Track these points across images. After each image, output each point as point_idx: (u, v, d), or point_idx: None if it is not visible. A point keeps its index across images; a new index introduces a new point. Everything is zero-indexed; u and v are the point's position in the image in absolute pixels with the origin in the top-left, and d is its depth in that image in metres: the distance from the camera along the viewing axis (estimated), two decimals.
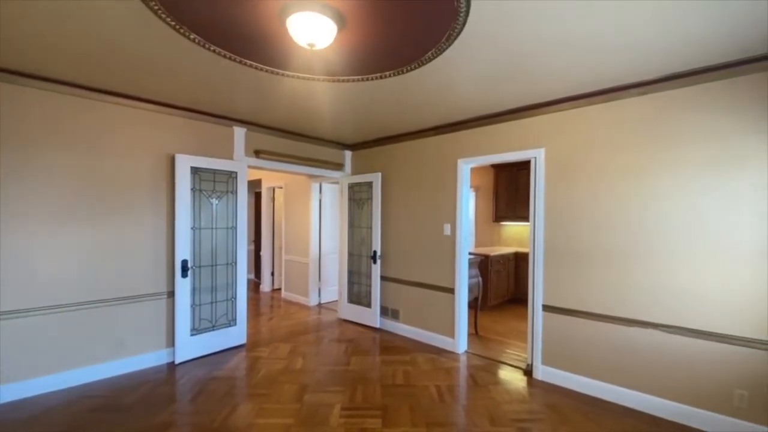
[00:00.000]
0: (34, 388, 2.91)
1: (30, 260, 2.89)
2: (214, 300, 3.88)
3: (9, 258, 2.80)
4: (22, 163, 2.84)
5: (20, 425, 2.55)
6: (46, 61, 2.56)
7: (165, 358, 3.60)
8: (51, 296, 2.98)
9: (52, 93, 2.95)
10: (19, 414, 2.67)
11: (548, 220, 3.35)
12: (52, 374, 2.99)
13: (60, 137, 3.00)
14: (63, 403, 2.83)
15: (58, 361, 3.02)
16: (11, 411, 2.70)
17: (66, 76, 2.84)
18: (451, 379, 3.36)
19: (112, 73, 2.77)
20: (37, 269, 2.92)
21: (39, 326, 2.94)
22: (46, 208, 2.95)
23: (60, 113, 3.00)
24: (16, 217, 2.82)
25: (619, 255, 2.95)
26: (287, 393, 3.03)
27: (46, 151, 2.94)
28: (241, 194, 4.04)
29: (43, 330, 2.95)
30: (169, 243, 3.60)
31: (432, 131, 4.23)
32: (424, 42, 2.23)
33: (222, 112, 3.75)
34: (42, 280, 2.94)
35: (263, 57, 2.44)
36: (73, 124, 3.06)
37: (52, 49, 2.37)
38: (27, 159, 2.86)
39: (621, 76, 2.70)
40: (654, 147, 2.80)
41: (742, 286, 2.46)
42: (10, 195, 2.80)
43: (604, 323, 3.02)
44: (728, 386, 2.50)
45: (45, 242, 2.95)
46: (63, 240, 3.03)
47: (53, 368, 3.00)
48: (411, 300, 4.52)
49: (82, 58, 2.51)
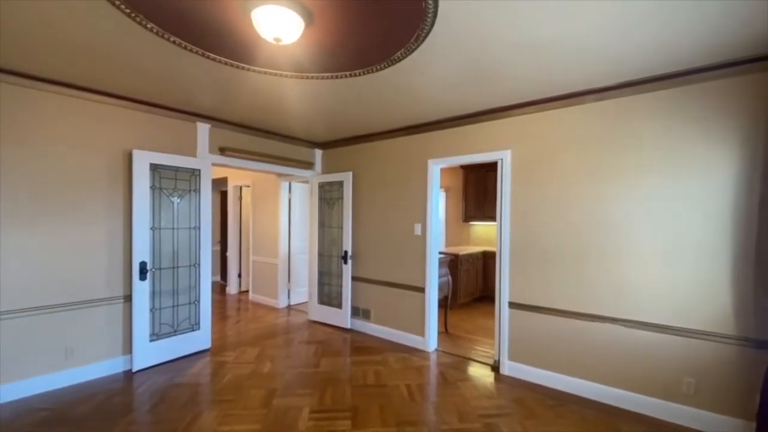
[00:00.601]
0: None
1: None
2: (176, 303, 3.70)
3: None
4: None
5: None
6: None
7: (122, 366, 3.39)
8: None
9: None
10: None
11: (514, 220, 3.45)
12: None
13: (6, 132, 2.75)
14: (9, 417, 2.61)
15: (2, 372, 2.78)
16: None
17: (7, 64, 2.61)
18: (422, 377, 3.38)
19: (60, 62, 2.57)
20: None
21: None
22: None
23: (7, 105, 2.75)
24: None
25: (581, 253, 3.08)
26: (254, 398, 2.94)
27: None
28: (204, 193, 3.88)
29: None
30: (126, 244, 3.40)
31: (403, 131, 4.25)
32: (393, 42, 2.22)
33: (184, 107, 3.59)
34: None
35: (227, 50, 2.35)
36: (15, 117, 2.82)
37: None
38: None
39: (581, 82, 2.82)
40: (611, 151, 2.94)
41: (690, 282, 2.62)
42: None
43: (567, 319, 3.14)
44: (678, 375, 2.66)
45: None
46: (5, 242, 2.78)
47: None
48: (382, 300, 4.51)
49: (25, 45, 2.31)
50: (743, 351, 2.44)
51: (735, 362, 2.47)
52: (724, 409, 2.49)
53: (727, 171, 2.50)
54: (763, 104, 2.38)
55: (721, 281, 2.52)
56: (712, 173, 2.55)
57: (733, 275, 2.48)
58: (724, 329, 2.51)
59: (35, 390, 2.92)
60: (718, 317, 2.53)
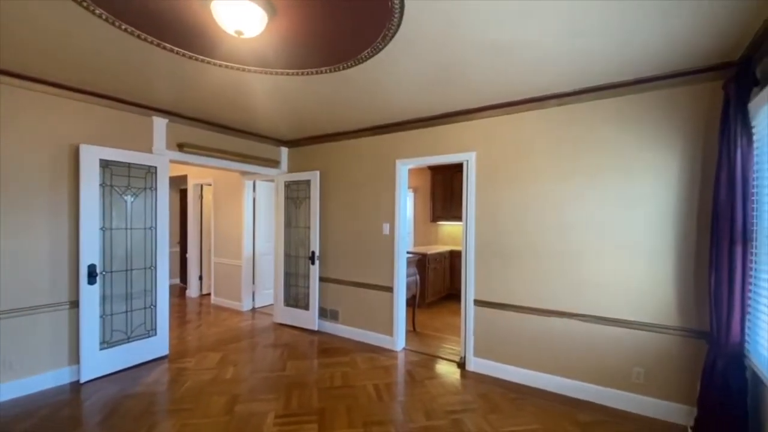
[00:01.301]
0: None
1: None
2: (130, 308, 3.48)
3: None
4: None
5: None
6: None
7: (68, 377, 3.14)
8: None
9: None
10: None
11: (479, 219, 3.53)
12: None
13: None
14: None
15: None
16: None
17: None
18: (389, 376, 3.38)
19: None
20: None
21: None
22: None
23: None
24: None
25: (541, 252, 3.20)
26: (215, 405, 2.82)
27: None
28: (161, 191, 3.67)
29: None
30: (72, 246, 3.15)
31: (371, 131, 4.23)
32: (360, 40, 2.20)
33: (139, 100, 3.38)
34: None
35: (186, 41, 2.23)
36: None
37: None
38: None
39: (542, 87, 2.93)
40: (570, 154, 3.08)
41: (639, 279, 2.80)
42: None
43: (528, 315, 3.25)
44: (629, 365, 2.83)
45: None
46: None
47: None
48: (351, 300, 4.48)
49: None
50: (686, 341, 2.64)
51: (679, 352, 2.66)
52: (671, 396, 2.68)
53: (671, 174, 2.68)
54: (703, 113, 2.57)
55: (666, 277, 2.71)
56: (659, 176, 2.73)
57: (676, 271, 2.67)
58: (669, 321, 2.69)
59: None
60: (663, 310, 2.71)
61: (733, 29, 2.02)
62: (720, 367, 2.21)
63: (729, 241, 2.17)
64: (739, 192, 2.12)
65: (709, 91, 2.54)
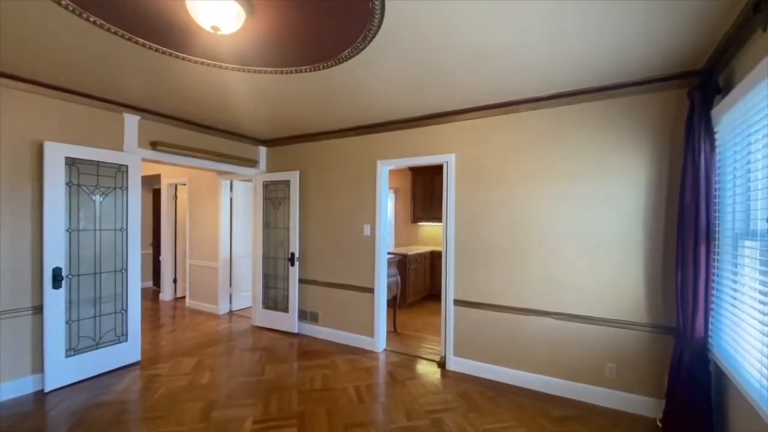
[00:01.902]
0: None
1: None
2: (98, 313, 3.33)
3: None
4: None
5: None
6: None
7: (32, 387, 2.98)
8: None
9: None
10: None
11: (459, 220, 3.57)
12: None
13: None
14: None
15: None
16: None
17: None
18: (370, 378, 3.37)
19: None
20: None
21: None
22: None
23: None
24: None
25: (517, 252, 3.27)
26: (190, 412, 2.73)
27: None
28: (133, 191, 3.53)
29: None
30: (35, 248, 2.99)
31: (352, 131, 4.21)
32: (340, 40, 2.19)
33: (109, 96, 3.24)
34: None
35: (159, 36, 2.16)
36: None
37: None
38: None
39: (518, 91, 2.99)
40: (544, 157, 3.16)
41: (610, 277, 2.90)
42: None
43: (506, 314, 3.32)
44: (600, 361, 2.93)
45: None
46: None
47: None
48: (331, 302, 4.44)
49: None
50: (655, 337, 2.75)
51: (648, 347, 2.77)
52: (641, 390, 2.79)
53: (639, 177, 2.80)
54: (670, 119, 2.70)
55: (635, 275, 2.81)
56: (628, 179, 2.84)
57: (645, 270, 2.78)
58: (639, 318, 2.80)
59: None
60: (634, 307, 2.82)
61: (697, 39, 2.13)
62: (686, 361, 2.31)
63: (694, 242, 2.28)
64: (703, 194, 2.23)
65: (675, 98, 2.67)
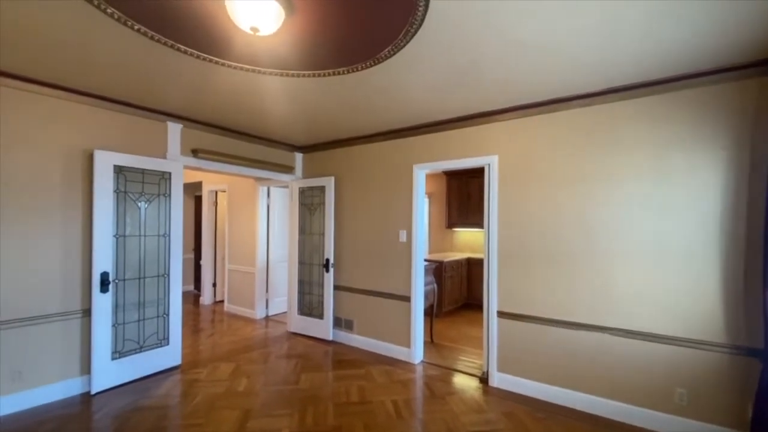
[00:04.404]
0: None
1: None
2: (142, 317, 3.41)
3: None
4: None
5: None
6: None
7: (79, 388, 3.07)
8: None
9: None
10: None
11: (502, 226, 3.36)
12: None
13: None
14: None
15: None
16: None
17: None
18: (408, 392, 3.21)
19: (7, 50, 2.31)
20: None
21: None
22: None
23: None
24: None
25: (568, 260, 3.01)
26: (227, 420, 2.70)
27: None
28: (175, 197, 3.62)
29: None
30: (85, 253, 3.10)
31: (387, 135, 4.12)
32: (380, 38, 2.09)
33: (154, 105, 3.34)
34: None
35: (199, 42, 2.16)
36: None
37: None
38: None
39: (567, 87, 2.76)
40: (598, 156, 2.90)
41: (679, 290, 2.58)
42: None
43: (555, 328, 3.06)
44: (669, 385, 2.61)
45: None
46: None
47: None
48: (366, 310, 4.34)
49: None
50: (735, 359, 2.41)
51: (727, 371, 2.43)
52: (718, 419, 2.45)
53: (713, 175, 2.48)
54: (751, 110, 2.37)
55: (710, 288, 2.49)
56: (698, 177, 2.53)
57: (722, 282, 2.45)
58: (714, 337, 2.47)
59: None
60: (708, 325, 2.49)
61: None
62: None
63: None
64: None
65: (758, 87, 2.34)
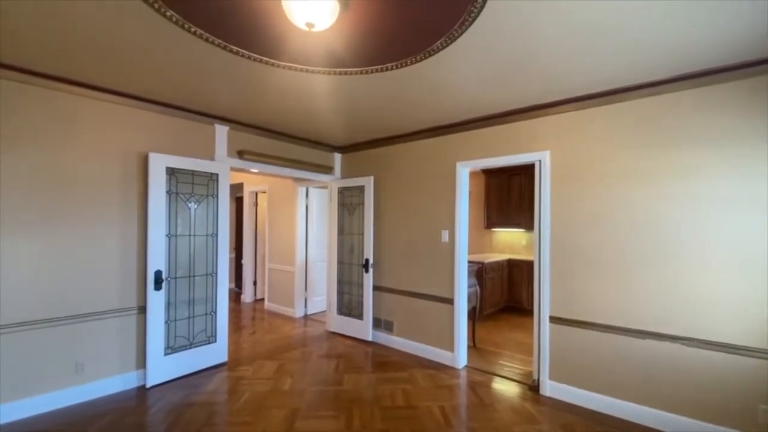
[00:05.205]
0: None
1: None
2: (192, 314, 3.51)
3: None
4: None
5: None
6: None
7: (135, 382, 3.20)
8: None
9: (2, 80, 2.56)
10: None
11: (555, 226, 3.17)
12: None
13: (9, 131, 2.60)
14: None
15: (6, 390, 2.59)
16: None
17: (15, 60, 2.46)
18: (455, 398, 3.10)
19: (70, 57, 2.42)
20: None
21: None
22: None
23: (8, 103, 2.60)
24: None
25: (632, 262, 2.79)
26: (275, 420, 2.71)
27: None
28: (222, 198, 3.70)
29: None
30: (140, 252, 3.23)
31: (428, 132, 4.02)
32: (434, 29, 2.00)
33: (202, 108, 3.42)
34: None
35: (254, 42, 2.16)
36: (24, 117, 2.67)
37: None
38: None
39: (629, 76, 2.56)
40: (665, 151, 2.66)
41: (760, 297, 2.32)
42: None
43: (616, 335, 2.84)
44: (752, 402, 2.34)
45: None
46: (9, 250, 2.61)
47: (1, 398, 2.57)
48: (406, 311, 4.26)
49: (33, 40, 2.16)
50: None
51: None
52: None
53: None
54: None
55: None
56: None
57: None
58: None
59: (43, 408, 2.74)
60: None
61: None
62: None
63: None
64: None
65: None
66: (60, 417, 2.69)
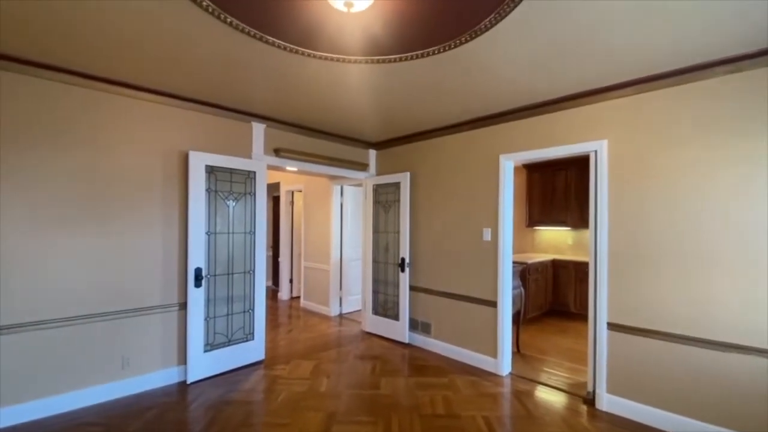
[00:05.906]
0: (28, 413, 2.58)
1: (22, 269, 2.56)
2: (230, 312, 3.52)
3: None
4: (14, 160, 2.53)
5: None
6: (45, 46, 2.26)
7: (176, 377, 3.25)
8: (47, 310, 2.66)
9: (50, 81, 2.64)
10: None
11: (613, 224, 2.87)
12: (48, 397, 2.65)
13: (57, 131, 2.69)
14: (59, 430, 2.50)
15: (55, 383, 2.69)
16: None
17: (65, 63, 2.53)
18: (499, 408, 2.89)
19: (114, 59, 2.46)
20: (29, 279, 2.59)
21: (33, 344, 2.61)
22: (41, 210, 2.63)
23: (58, 104, 2.68)
24: (7, 221, 2.51)
25: (707, 265, 2.45)
26: (311, 423, 2.63)
27: (41, 147, 2.62)
28: (260, 196, 3.69)
29: (37, 348, 2.62)
30: (181, 249, 3.27)
31: (469, 125, 3.81)
32: (480, 7, 1.82)
33: (239, 106, 3.42)
34: (36, 292, 2.61)
35: (289, 30, 2.07)
36: (73, 117, 2.76)
37: (51, 31, 2.07)
38: (20, 155, 2.55)
39: (705, 51, 2.23)
40: (746, 136, 2.31)
41: None
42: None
43: (686, 346, 2.52)
44: None
45: (39, 249, 2.62)
46: (60, 246, 2.71)
47: (50, 390, 2.66)
48: (444, 313, 4.07)
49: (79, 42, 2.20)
50: None
51: None
52: None
53: None
54: None
55: None
56: None
57: None
58: None
59: (93, 400, 2.82)
60: None
61: None
62: None
63: None
64: None
65: None
66: (108, 410, 2.76)
